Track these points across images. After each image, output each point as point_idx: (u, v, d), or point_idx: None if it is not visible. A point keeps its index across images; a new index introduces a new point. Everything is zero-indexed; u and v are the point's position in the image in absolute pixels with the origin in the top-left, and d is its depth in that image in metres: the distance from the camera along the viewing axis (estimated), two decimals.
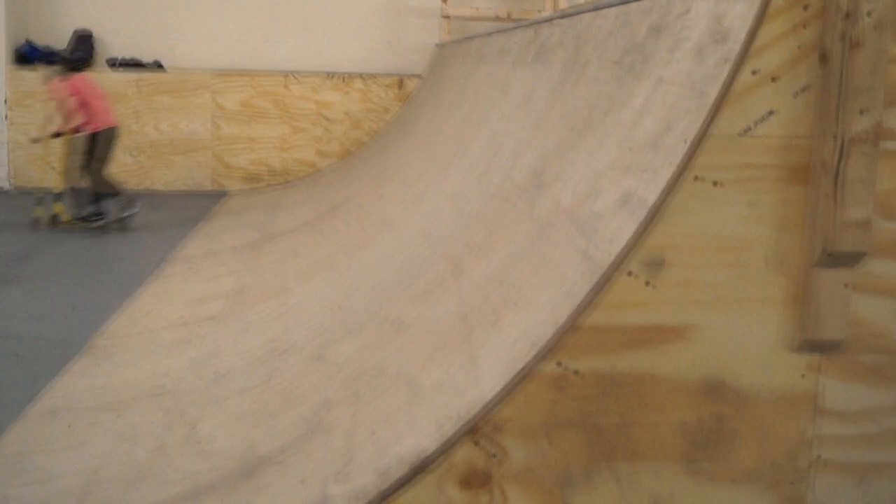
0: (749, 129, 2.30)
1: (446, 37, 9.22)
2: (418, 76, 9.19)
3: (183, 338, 4.23)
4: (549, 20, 4.51)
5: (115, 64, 9.40)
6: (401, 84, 9.23)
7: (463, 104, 5.90)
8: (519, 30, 5.16)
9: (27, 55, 9.11)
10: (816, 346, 2.42)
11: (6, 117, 8.94)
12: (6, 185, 9.03)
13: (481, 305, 2.86)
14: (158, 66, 9.43)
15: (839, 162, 2.27)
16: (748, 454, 2.45)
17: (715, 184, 2.31)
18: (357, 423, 2.71)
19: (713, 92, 2.29)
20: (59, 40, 9.40)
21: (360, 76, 9.23)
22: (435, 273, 3.45)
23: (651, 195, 2.33)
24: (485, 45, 6.22)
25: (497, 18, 9.22)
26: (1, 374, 4.05)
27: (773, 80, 2.29)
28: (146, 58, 9.49)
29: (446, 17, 9.31)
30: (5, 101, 8.91)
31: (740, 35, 2.28)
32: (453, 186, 4.43)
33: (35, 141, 7.55)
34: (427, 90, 8.03)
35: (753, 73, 2.27)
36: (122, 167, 9.01)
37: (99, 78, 8.90)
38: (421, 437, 2.36)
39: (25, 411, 3.58)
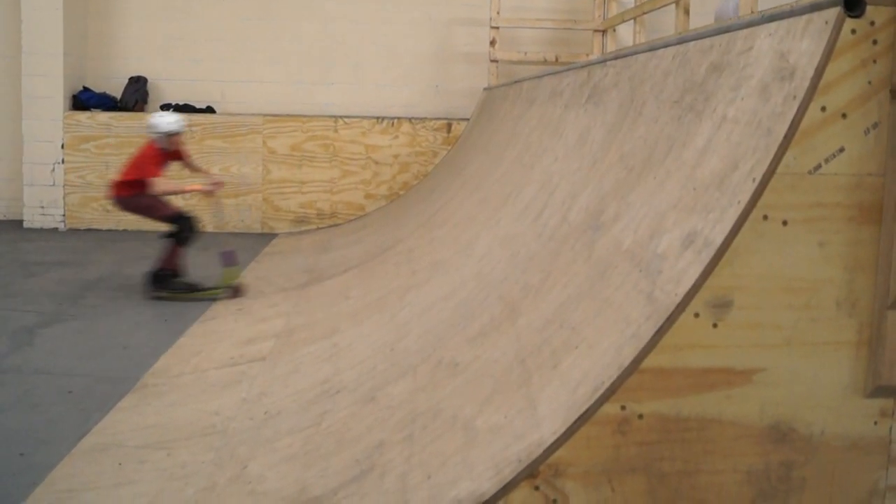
0: (819, 166, 2.24)
1: (494, 81, 9.26)
2: (466, 120, 9.22)
3: (233, 378, 4.21)
4: (602, 62, 4.50)
5: (168, 109, 9.57)
6: (449, 128, 9.27)
7: (514, 147, 5.89)
8: (571, 72, 5.16)
9: (84, 101, 9.32)
10: (890, 392, 2.33)
11: (63, 161, 9.12)
12: (61, 227, 9.18)
13: (540, 348, 2.81)
14: (211, 110, 9.58)
15: None
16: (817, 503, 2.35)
17: (784, 223, 2.25)
18: (412, 466, 2.66)
19: (781, 129, 2.24)
20: (116, 87, 9.61)
21: (409, 120, 9.29)
22: (490, 316, 3.41)
23: (718, 235, 2.27)
24: (535, 88, 6.22)
25: (545, 62, 9.25)
26: (52, 409, 4.06)
27: (843, 116, 2.23)
28: (199, 103, 9.66)
29: (494, 61, 9.36)
30: (62, 146, 9.10)
31: (808, 71, 2.23)
32: (507, 229, 4.40)
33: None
34: (476, 133, 8.04)
35: (822, 109, 2.22)
36: None
37: None
38: (479, 481, 2.30)
39: (76, 448, 3.58)
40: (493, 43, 9.33)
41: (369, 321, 4.43)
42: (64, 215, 9.18)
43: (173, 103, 9.66)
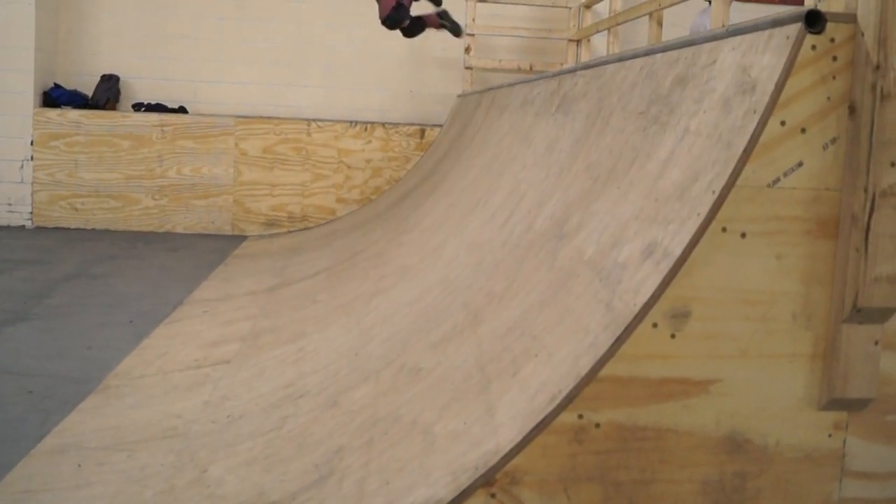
0: (777, 180, 2.27)
1: (468, 87, 9.29)
2: (440, 126, 9.24)
3: (197, 381, 4.19)
4: (572, 71, 4.52)
5: (140, 108, 9.51)
6: (422, 133, 9.28)
7: (484, 154, 5.90)
8: (542, 81, 5.18)
9: (55, 98, 9.24)
10: (844, 405, 2.36)
11: (31, 158, 9.03)
12: (28, 224, 9.09)
13: (500, 356, 2.81)
14: (183, 111, 9.53)
15: (869, 215, 2.23)
16: None
17: (742, 235, 2.27)
18: (370, 471, 2.65)
19: (741, 143, 2.27)
20: (88, 84, 9.54)
21: (382, 125, 9.29)
22: (453, 322, 3.41)
23: (677, 246, 2.29)
24: (507, 96, 6.24)
25: (520, 70, 9.29)
26: (12, 409, 4.01)
27: (803, 131, 2.26)
28: (171, 103, 9.61)
29: (469, 68, 9.39)
30: (31, 142, 9.02)
31: (768, 86, 2.26)
32: (474, 236, 4.41)
33: None
34: (448, 139, 8.06)
35: (782, 124, 2.25)
36: (143, 210, 9.07)
37: (123, 121, 9.02)
38: (436, 488, 2.30)
39: (35, 449, 3.54)
40: (468, 50, 9.37)
41: (335, 325, 4.42)
42: (31, 213, 9.09)
43: (145, 102, 9.61)
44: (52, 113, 9.06)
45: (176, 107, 9.57)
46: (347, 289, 5.10)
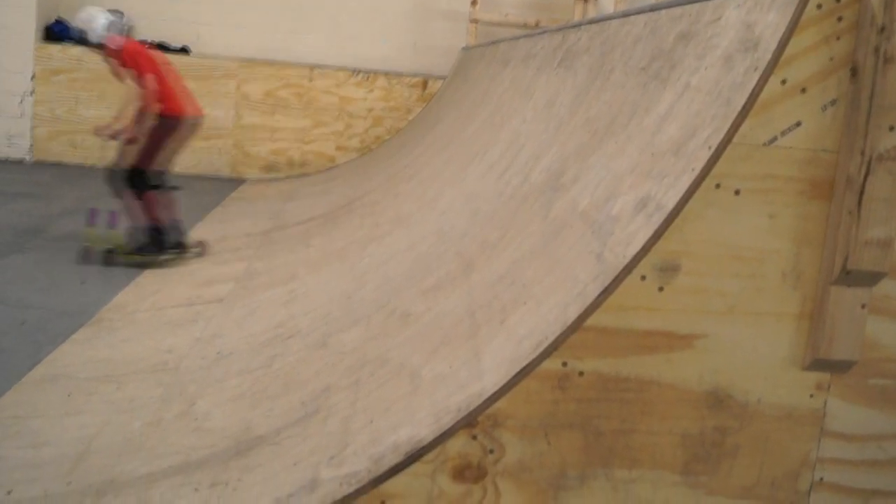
0: (774, 139, 2.27)
1: (473, 41, 9.21)
2: (443, 78, 9.18)
3: (189, 317, 4.21)
4: (576, 26, 4.49)
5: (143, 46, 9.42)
6: (425, 85, 9.22)
7: (485, 107, 5.88)
8: (546, 35, 5.14)
9: (57, 33, 9.15)
10: (827, 366, 2.38)
11: (32, 92, 8.97)
12: (28, 158, 9.06)
13: (490, 303, 2.83)
14: (185, 51, 9.46)
15: (864, 179, 2.23)
16: (749, 471, 2.40)
17: (736, 193, 2.28)
18: (356, 410, 2.68)
19: (740, 100, 2.26)
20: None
21: (385, 74, 9.23)
22: (446, 270, 3.42)
23: (670, 200, 2.30)
24: (511, 50, 6.20)
25: (525, 26, 9.21)
26: (4, 339, 4.04)
27: (803, 91, 2.25)
28: (174, 43, 9.52)
29: (474, 21, 9.31)
30: (32, 77, 8.95)
31: (771, 44, 2.25)
32: (471, 187, 4.41)
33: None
34: (450, 92, 8.01)
35: (782, 82, 2.24)
36: None
37: None
38: (418, 428, 2.33)
39: (25, 377, 3.57)
40: (474, 3, 9.28)
41: (328, 270, 4.44)
42: (31, 147, 9.05)
43: (148, 40, 9.51)
44: (54, 48, 8.99)
45: (178, 47, 9.48)
46: (342, 235, 5.11)
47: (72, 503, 2.59)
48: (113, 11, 9.37)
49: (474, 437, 2.27)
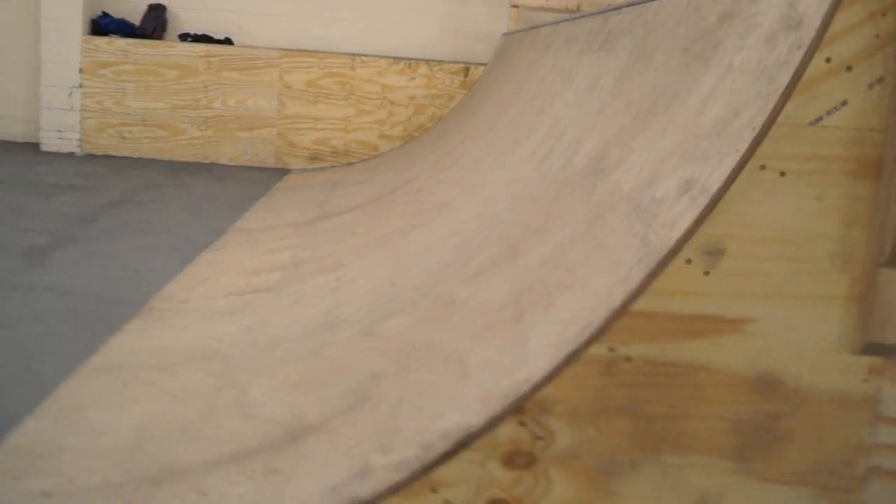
0: (820, 118, 2.24)
1: (513, 26, 9.18)
2: (484, 64, 9.16)
3: (238, 306, 4.28)
4: (618, 8, 4.46)
5: (186, 38, 9.54)
6: (466, 72, 9.21)
7: (527, 92, 5.87)
8: (587, 18, 5.11)
9: (103, 26, 9.30)
10: (880, 350, 2.35)
11: (80, 85, 9.14)
12: (78, 151, 9.24)
13: (534, 287, 2.84)
14: (228, 42, 9.55)
15: None
16: (802, 457, 2.38)
17: (782, 174, 2.26)
18: (404, 397, 2.71)
19: (784, 79, 2.24)
20: (134, 13, 9.58)
21: (426, 62, 9.24)
22: (489, 255, 3.44)
23: (714, 182, 2.28)
24: (552, 34, 6.17)
25: (567, 10, 9.15)
26: (60, 328, 4.15)
27: (848, 69, 2.22)
28: (217, 34, 9.62)
29: (515, 6, 9.27)
30: (80, 70, 9.11)
31: (815, 21, 2.22)
32: (513, 172, 4.41)
33: None
34: (491, 78, 8.00)
35: (827, 60, 2.21)
36: (188, 140, 9.16)
37: (170, 51, 9.07)
38: (467, 414, 2.35)
39: (82, 366, 3.66)
40: None
41: (373, 257, 4.47)
42: (80, 140, 9.23)
43: (191, 32, 9.63)
44: (101, 41, 9.14)
45: (221, 38, 9.58)
46: (386, 222, 5.14)
47: (130, 491, 2.66)
48: (156, 5, 9.56)
49: (523, 424, 2.29)
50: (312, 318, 3.87)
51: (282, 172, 8.83)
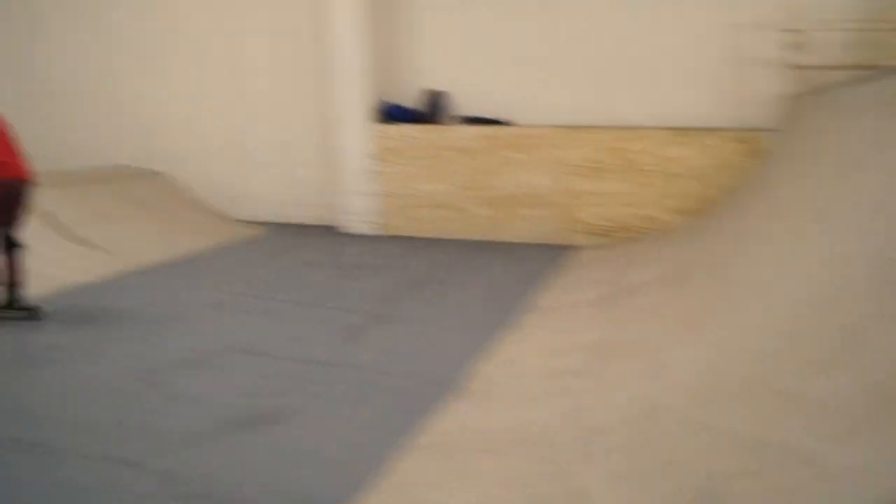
0: None
1: (796, 88, 8.80)
2: (766, 130, 8.82)
3: (549, 389, 4.36)
4: None
5: (466, 121, 10.01)
6: (749, 138, 8.93)
7: (825, 160, 5.60)
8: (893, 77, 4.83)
9: (389, 114, 9.98)
10: None
11: (373, 170, 9.85)
12: (372, 232, 9.91)
13: (888, 383, 2.68)
14: (507, 123, 9.90)
15: None
16: None
17: None
18: (751, 497, 2.64)
19: None
20: (414, 99, 10.18)
21: (705, 130, 9.05)
22: (827, 343, 3.29)
23: None
24: (850, 96, 5.88)
25: (855, 67, 8.66)
26: (388, 407, 4.42)
27: None
28: (491, 115, 9.99)
29: (795, 67, 8.89)
30: (372, 157, 9.82)
31: None
32: (830, 249, 4.21)
33: None
34: (783, 145, 7.71)
35: None
36: (474, 219, 9.56)
37: (452, 134, 9.55)
38: None
39: (408, 445, 3.87)
40: (794, 47, 8.87)
41: (683, 339, 4.41)
42: (377, 222, 9.90)
43: (469, 115, 10.09)
44: (390, 128, 9.80)
45: (500, 119, 9.96)
46: (690, 301, 5.07)
47: None
48: (437, 91, 10.14)
49: None
50: (628, 404, 3.87)
51: (566, 249, 8.91)
